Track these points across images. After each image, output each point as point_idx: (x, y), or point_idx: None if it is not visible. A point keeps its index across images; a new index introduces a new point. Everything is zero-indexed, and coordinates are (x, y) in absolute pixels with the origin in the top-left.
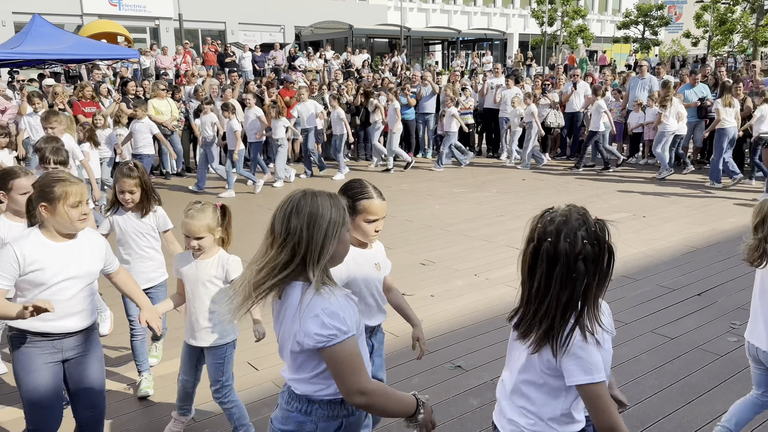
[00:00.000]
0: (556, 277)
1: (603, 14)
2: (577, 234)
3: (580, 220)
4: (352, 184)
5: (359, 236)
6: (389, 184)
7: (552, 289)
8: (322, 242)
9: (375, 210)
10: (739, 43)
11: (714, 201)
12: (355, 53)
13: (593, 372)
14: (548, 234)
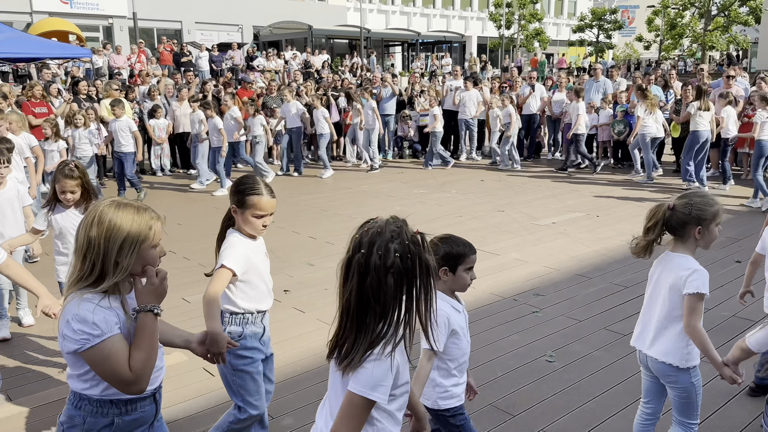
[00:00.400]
0: (366, 291)
1: (559, 18)
2: (389, 246)
3: (395, 231)
4: (244, 180)
5: (249, 229)
6: (350, 185)
7: (362, 303)
8: (116, 255)
9: (263, 206)
10: (689, 47)
11: (663, 199)
12: (314, 54)
13: (372, 388)
14: (362, 245)
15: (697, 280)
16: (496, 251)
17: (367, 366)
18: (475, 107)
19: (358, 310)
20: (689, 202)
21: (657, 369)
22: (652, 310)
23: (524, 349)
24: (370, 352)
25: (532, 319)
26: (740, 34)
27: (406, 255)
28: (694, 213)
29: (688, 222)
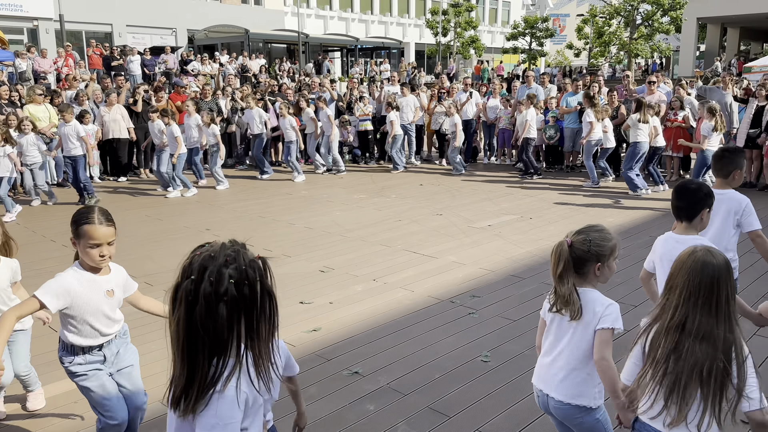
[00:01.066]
0: (195, 322)
1: (493, 26)
2: (223, 272)
3: (230, 256)
4: (80, 210)
5: (87, 260)
6: (290, 191)
7: (191, 335)
8: None
9: (95, 235)
10: (616, 54)
11: (595, 203)
12: (251, 58)
13: (222, 428)
14: (192, 271)
15: (611, 315)
16: (435, 254)
17: (211, 406)
18: (412, 112)
19: (188, 344)
20: (587, 239)
21: (563, 414)
22: (553, 349)
23: (461, 350)
24: (211, 390)
25: (469, 321)
26: (663, 43)
27: (242, 282)
28: (593, 250)
29: (588, 259)
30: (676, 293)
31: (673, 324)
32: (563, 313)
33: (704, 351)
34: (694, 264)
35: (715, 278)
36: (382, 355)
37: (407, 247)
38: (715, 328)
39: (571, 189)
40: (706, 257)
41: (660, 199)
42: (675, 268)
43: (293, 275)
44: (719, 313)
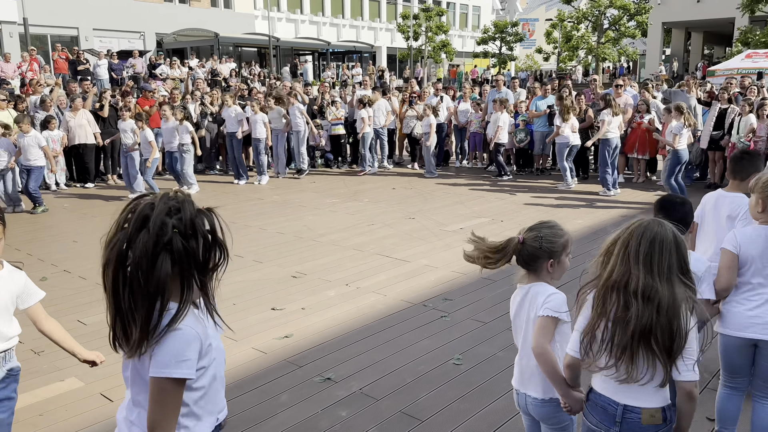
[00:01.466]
0: (133, 271)
1: (464, 30)
2: (166, 222)
3: (175, 206)
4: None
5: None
6: (261, 196)
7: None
8: None
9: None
10: (584, 58)
11: (564, 204)
12: (221, 62)
13: (175, 365)
14: (127, 221)
15: (552, 302)
16: (407, 258)
17: (163, 344)
18: (384, 116)
19: (123, 291)
20: (538, 235)
21: (539, 411)
22: (523, 348)
23: (433, 354)
24: (160, 330)
25: (441, 324)
26: (630, 47)
27: (187, 233)
28: (544, 246)
29: (540, 256)
30: (614, 253)
31: (613, 282)
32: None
33: (650, 313)
34: (637, 228)
35: (656, 241)
36: (354, 360)
37: (380, 251)
38: (659, 291)
39: (541, 191)
40: (650, 224)
41: (626, 201)
42: (616, 235)
43: (265, 281)
44: (660, 275)
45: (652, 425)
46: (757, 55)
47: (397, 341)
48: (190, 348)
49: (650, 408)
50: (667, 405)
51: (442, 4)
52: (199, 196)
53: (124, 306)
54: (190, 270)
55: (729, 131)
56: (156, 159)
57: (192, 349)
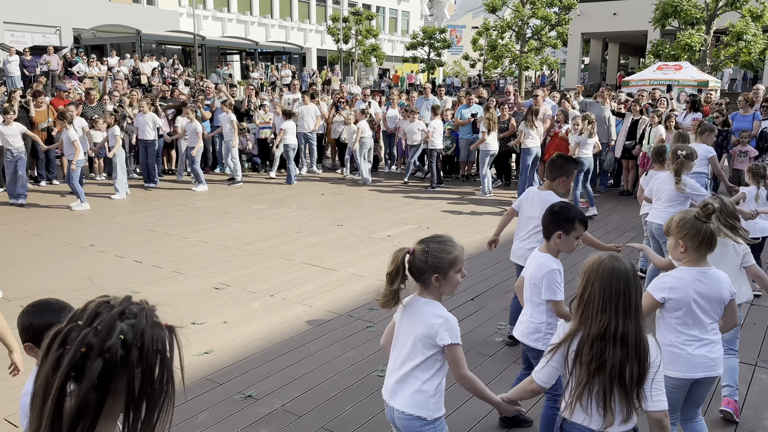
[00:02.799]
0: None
1: (393, 35)
2: (116, 324)
3: (131, 311)
4: None
5: None
6: (183, 202)
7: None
8: None
9: None
10: (508, 67)
11: (486, 211)
12: (143, 60)
13: None
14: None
15: (450, 329)
16: (335, 267)
17: None
18: (313, 121)
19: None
20: (426, 249)
21: (404, 425)
22: (397, 359)
23: (357, 366)
24: None
25: (366, 334)
26: (551, 56)
27: (135, 344)
28: (430, 261)
29: (426, 270)
30: (594, 303)
31: (595, 332)
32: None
33: (623, 354)
34: (604, 272)
35: (627, 282)
36: (277, 375)
37: (307, 260)
38: (630, 331)
39: (466, 198)
40: (614, 263)
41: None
42: (586, 279)
43: (185, 293)
44: (631, 315)
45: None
46: (667, 67)
47: (322, 354)
48: None
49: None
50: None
51: (372, 8)
52: (118, 204)
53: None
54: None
55: (641, 141)
56: (80, 161)
57: None
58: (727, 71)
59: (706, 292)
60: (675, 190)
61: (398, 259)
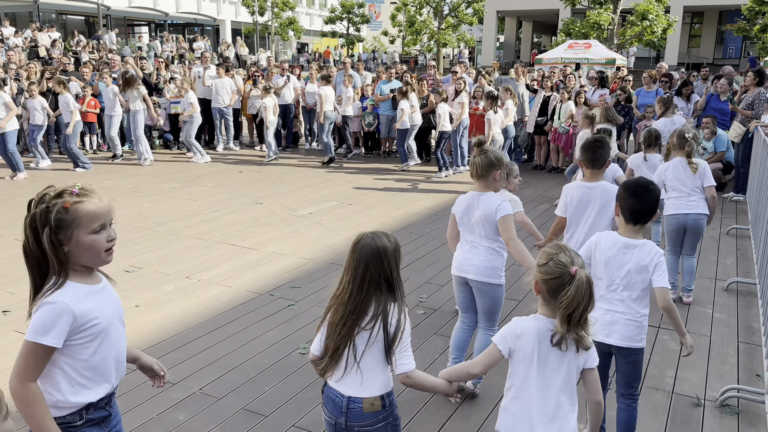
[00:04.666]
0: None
1: (311, 8)
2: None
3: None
4: None
5: None
6: (90, 180)
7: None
8: None
9: None
10: (427, 43)
11: (406, 187)
12: (42, 31)
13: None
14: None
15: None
16: (254, 246)
17: (36, 314)
18: (228, 96)
19: (28, 263)
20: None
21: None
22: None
23: (279, 345)
24: (39, 302)
25: (288, 313)
26: (468, 33)
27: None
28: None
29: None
30: (345, 271)
31: (342, 297)
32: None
33: (354, 316)
34: (354, 246)
35: (366, 256)
36: (194, 359)
37: (225, 239)
38: (363, 297)
39: (388, 174)
40: (363, 240)
41: (461, 182)
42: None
43: None
44: (369, 284)
45: (372, 412)
46: (578, 45)
47: (242, 335)
48: (60, 321)
49: (370, 397)
50: (386, 393)
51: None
52: (20, 183)
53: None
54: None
55: (552, 117)
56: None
57: (61, 323)
58: (632, 49)
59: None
60: (693, 174)
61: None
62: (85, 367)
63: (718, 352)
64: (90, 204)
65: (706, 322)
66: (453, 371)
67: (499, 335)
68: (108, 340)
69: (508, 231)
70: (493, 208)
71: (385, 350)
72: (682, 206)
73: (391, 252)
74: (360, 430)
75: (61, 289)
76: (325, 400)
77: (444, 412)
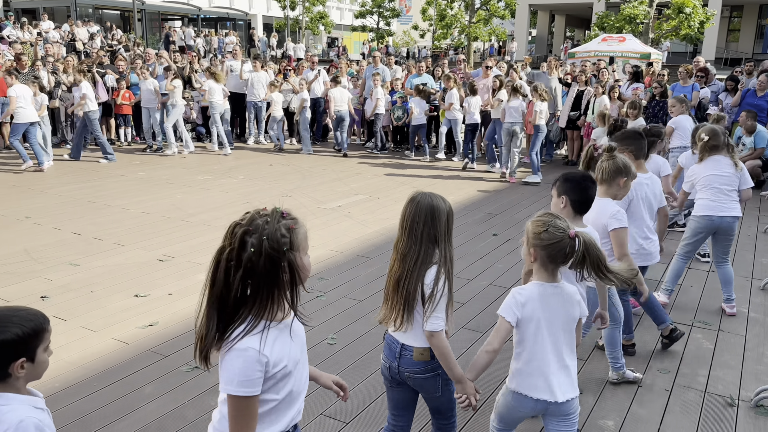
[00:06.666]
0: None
1: (342, 2)
2: (246, 240)
3: (258, 225)
4: None
5: None
6: (125, 172)
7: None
8: None
9: None
10: (458, 37)
11: (437, 180)
12: (79, 25)
13: (239, 384)
14: (226, 236)
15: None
16: None
17: (227, 362)
18: (264, 89)
19: (209, 298)
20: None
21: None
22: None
23: (308, 334)
24: (228, 347)
25: (317, 303)
26: (499, 27)
27: (260, 251)
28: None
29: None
30: (399, 226)
31: (398, 249)
32: None
33: (401, 268)
34: (410, 201)
35: (421, 213)
36: None
37: None
38: (414, 251)
39: (416, 168)
40: (416, 197)
41: (494, 179)
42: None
43: (127, 266)
44: (418, 238)
45: (422, 361)
46: (612, 39)
47: None
48: (254, 369)
49: (419, 347)
50: None
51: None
52: (55, 174)
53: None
54: (264, 287)
55: (585, 111)
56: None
57: (255, 370)
58: (666, 44)
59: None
60: (733, 174)
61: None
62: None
63: (753, 352)
64: (302, 226)
65: (742, 321)
66: (473, 363)
67: (504, 308)
68: (293, 379)
69: (622, 247)
70: (607, 215)
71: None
72: (717, 207)
73: (444, 213)
74: (411, 376)
75: (259, 331)
76: (384, 345)
77: None
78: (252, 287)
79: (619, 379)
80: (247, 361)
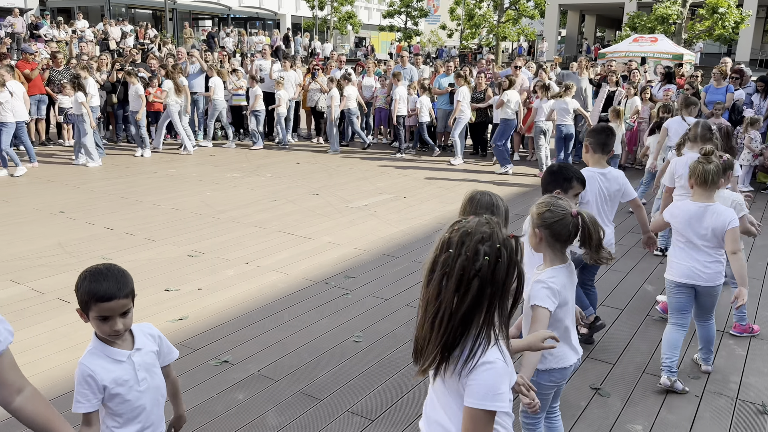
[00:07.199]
0: (449, 290)
1: (370, 2)
2: (479, 248)
3: (486, 233)
4: None
5: None
6: (155, 169)
7: (445, 302)
8: None
9: None
10: (486, 37)
11: (462, 182)
12: (113, 24)
13: (492, 398)
14: (450, 245)
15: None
16: (310, 235)
17: (479, 377)
18: (293, 88)
19: (437, 312)
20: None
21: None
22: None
23: (334, 332)
24: (480, 362)
25: (343, 301)
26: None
27: (496, 259)
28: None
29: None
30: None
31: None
32: None
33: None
34: (470, 199)
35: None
36: (252, 341)
37: (282, 228)
38: None
39: (442, 168)
40: (475, 195)
41: (520, 180)
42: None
43: (158, 261)
44: None
45: None
46: (643, 39)
47: (298, 320)
48: (503, 382)
49: None
50: None
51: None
52: (87, 170)
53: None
54: (495, 296)
55: None
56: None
57: (505, 383)
58: (698, 45)
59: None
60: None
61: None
62: None
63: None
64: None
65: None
66: (524, 360)
67: (542, 297)
68: None
69: (735, 243)
70: (726, 221)
71: None
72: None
73: (501, 210)
74: None
75: (494, 343)
76: None
77: None
78: (488, 297)
79: (671, 386)
80: (498, 374)
